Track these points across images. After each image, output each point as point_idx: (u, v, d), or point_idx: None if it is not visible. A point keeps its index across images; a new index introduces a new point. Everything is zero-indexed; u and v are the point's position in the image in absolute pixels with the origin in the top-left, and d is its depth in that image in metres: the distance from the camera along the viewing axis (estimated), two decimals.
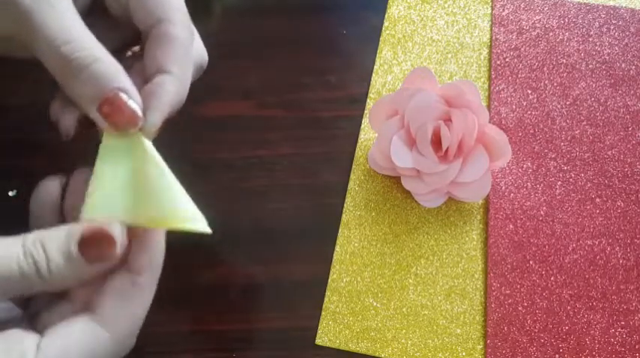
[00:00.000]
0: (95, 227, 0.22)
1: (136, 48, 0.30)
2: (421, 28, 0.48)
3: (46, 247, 0.22)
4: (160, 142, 0.39)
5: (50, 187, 0.26)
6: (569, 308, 0.35)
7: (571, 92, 0.44)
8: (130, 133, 0.25)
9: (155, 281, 0.23)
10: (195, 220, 0.25)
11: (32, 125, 0.38)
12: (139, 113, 0.24)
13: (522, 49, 0.46)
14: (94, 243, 0.22)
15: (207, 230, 0.25)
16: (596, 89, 0.44)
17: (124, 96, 0.24)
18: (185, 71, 0.27)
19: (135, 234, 0.23)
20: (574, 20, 0.47)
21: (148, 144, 0.25)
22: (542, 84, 0.44)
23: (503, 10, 0.48)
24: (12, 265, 0.21)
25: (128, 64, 0.26)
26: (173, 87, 0.26)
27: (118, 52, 0.26)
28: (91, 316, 0.22)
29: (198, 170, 0.41)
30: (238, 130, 0.41)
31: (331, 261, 0.37)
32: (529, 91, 0.44)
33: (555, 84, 0.44)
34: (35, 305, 0.24)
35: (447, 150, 0.37)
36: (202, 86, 0.45)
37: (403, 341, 0.34)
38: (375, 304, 0.36)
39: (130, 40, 0.29)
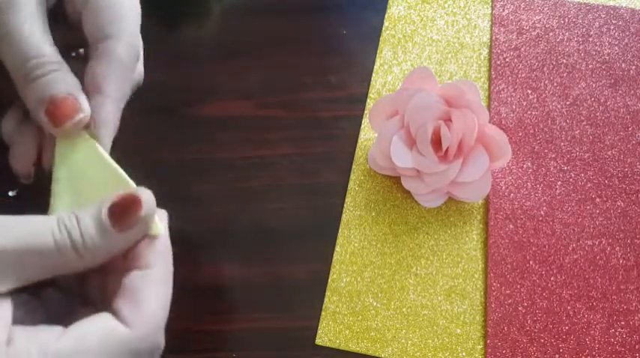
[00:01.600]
0: (124, 193, 0.23)
1: (81, 50, 0.30)
2: (421, 28, 0.48)
3: (79, 217, 0.22)
4: (160, 143, 0.39)
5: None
6: (569, 308, 0.35)
7: (571, 92, 0.44)
8: (75, 135, 0.26)
9: (168, 273, 0.24)
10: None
11: None
12: (82, 106, 0.25)
13: (522, 49, 0.46)
14: (123, 207, 0.23)
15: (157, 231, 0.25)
16: (596, 89, 0.44)
17: (69, 97, 0.25)
18: (123, 92, 0.27)
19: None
20: (574, 20, 0.47)
21: (98, 146, 0.26)
22: (542, 84, 0.44)
23: (503, 10, 0.48)
24: (47, 237, 0.21)
25: (72, 67, 0.27)
26: (110, 108, 0.26)
27: (63, 52, 0.26)
28: (109, 314, 0.22)
29: (198, 170, 0.41)
30: (238, 130, 0.41)
31: (331, 261, 0.37)
32: (529, 91, 0.44)
33: (555, 84, 0.44)
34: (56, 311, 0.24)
35: (447, 150, 0.37)
36: (202, 86, 0.45)
37: (403, 341, 0.34)
38: (375, 304, 0.36)
39: (79, 43, 0.29)
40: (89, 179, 0.26)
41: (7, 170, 0.41)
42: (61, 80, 0.25)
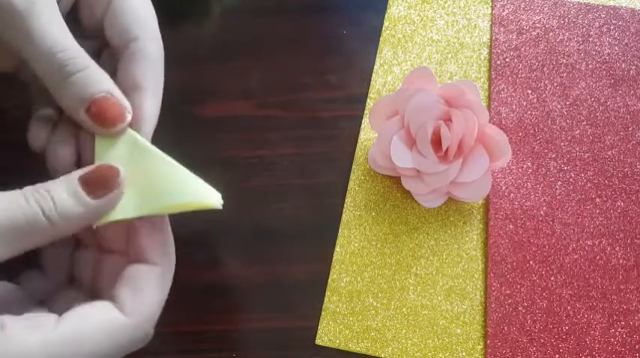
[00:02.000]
0: (96, 165, 0.23)
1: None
2: (421, 28, 0.48)
3: (49, 188, 0.22)
4: (160, 143, 0.39)
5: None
6: (569, 308, 0.35)
7: (571, 92, 0.44)
8: (120, 133, 0.26)
9: (170, 269, 0.24)
10: (207, 195, 0.26)
11: None
12: (126, 105, 0.26)
13: (522, 49, 0.46)
14: (97, 176, 0.23)
15: (218, 206, 0.26)
16: (596, 89, 0.44)
17: (111, 97, 0.25)
18: (160, 88, 0.28)
19: (143, 226, 0.24)
20: (574, 20, 0.47)
21: (140, 138, 0.26)
22: (542, 84, 0.44)
23: (503, 10, 0.48)
24: (15, 212, 0.21)
25: None
26: (151, 103, 0.27)
27: None
28: (108, 302, 0.22)
29: (197, 170, 0.41)
30: (238, 130, 0.41)
31: (331, 261, 0.37)
32: (529, 91, 0.44)
33: (555, 84, 0.44)
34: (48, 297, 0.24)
35: (447, 150, 0.37)
36: (202, 86, 0.45)
37: (403, 341, 0.34)
38: (375, 304, 0.36)
39: (94, 50, 0.30)
40: (140, 172, 0.25)
41: (7, 169, 0.41)
42: (98, 77, 0.25)
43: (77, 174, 0.23)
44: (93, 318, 0.21)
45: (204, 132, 0.42)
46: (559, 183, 0.40)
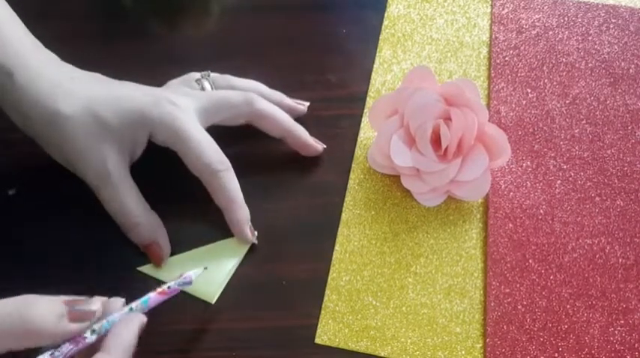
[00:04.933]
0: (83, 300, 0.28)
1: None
2: (421, 27, 0.48)
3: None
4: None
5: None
6: (568, 306, 0.35)
7: (570, 91, 0.44)
8: None
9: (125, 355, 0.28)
10: (210, 294, 0.36)
11: None
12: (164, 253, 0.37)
13: (522, 48, 0.46)
14: (80, 312, 0.28)
15: (210, 301, 0.36)
16: (596, 88, 0.44)
17: (156, 246, 0.37)
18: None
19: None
20: (573, 19, 0.47)
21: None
22: (541, 83, 0.44)
23: (503, 8, 0.48)
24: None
25: None
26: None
27: None
28: None
29: None
30: (238, 129, 0.41)
31: (331, 259, 0.37)
32: (528, 90, 0.44)
33: (555, 83, 0.44)
34: None
35: (446, 149, 0.37)
36: None
37: (403, 339, 0.34)
38: (374, 303, 0.36)
39: None
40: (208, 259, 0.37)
41: (7, 169, 0.41)
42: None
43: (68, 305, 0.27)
44: None
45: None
46: (558, 181, 0.40)
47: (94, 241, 0.37)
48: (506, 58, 0.45)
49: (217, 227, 0.38)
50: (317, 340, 0.35)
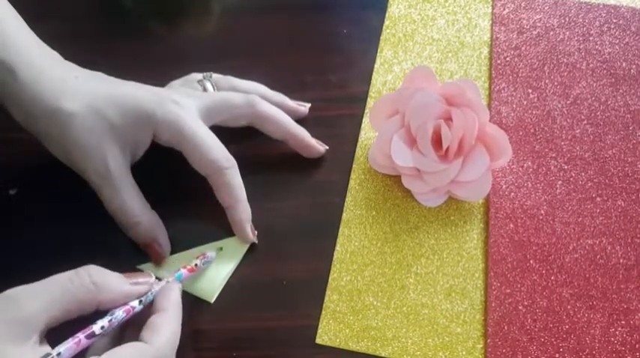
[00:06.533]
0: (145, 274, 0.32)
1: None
2: (421, 27, 0.48)
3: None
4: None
5: None
6: (569, 307, 0.35)
7: (571, 91, 0.44)
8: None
9: (176, 315, 0.30)
10: (209, 293, 0.36)
11: None
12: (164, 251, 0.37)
13: (523, 48, 0.46)
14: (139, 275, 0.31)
15: (209, 300, 0.36)
16: (597, 88, 0.44)
17: (156, 245, 0.37)
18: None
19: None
20: (574, 19, 0.47)
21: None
22: (542, 83, 0.44)
23: (504, 9, 0.48)
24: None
25: None
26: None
27: None
28: (136, 342, 0.28)
29: None
30: (238, 130, 0.40)
31: (332, 259, 0.37)
32: (529, 90, 0.44)
33: (556, 83, 0.44)
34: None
35: (447, 150, 0.37)
36: None
37: (403, 340, 0.34)
38: (375, 303, 0.36)
39: None
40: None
41: (7, 169, 0.41)
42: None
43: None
44: (125, 351, 0.27)
45: None
46: (559, 182, 0.40)
47: (94, 240, 0.37)
48: (507, 59, 0.45)
49: (217, 226, 0.38)
50: (317, 340, 0.35)
